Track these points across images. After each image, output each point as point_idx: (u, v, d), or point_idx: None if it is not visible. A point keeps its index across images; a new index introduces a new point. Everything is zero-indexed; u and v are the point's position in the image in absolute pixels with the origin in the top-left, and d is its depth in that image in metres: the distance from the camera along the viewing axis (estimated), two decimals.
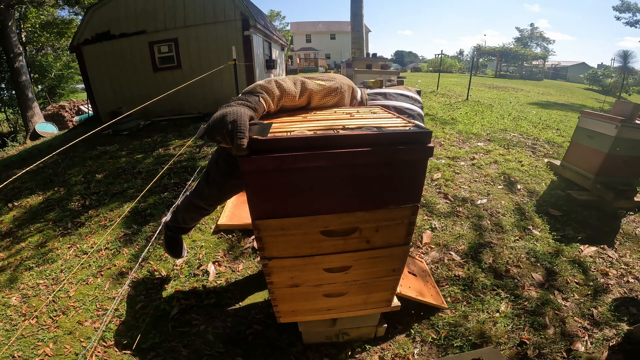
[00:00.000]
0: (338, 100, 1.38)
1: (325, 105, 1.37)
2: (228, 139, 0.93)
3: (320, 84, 1.30)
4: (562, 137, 4.89)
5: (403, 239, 1.19)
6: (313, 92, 1.28)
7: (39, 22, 12.73)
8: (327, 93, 1.33)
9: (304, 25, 36.82)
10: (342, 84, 1.37)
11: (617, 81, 18.71)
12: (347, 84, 1.40)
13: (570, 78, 29.16)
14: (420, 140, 1.01)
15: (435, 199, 2.87)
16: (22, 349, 1.67)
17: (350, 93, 1.42)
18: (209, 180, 1.57)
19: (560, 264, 2.12)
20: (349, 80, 1.44)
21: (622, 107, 2.81)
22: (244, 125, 0.92)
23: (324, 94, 1.32)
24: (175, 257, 2.00)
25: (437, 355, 1.57)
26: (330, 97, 1.34)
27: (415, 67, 32.53)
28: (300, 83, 1.25)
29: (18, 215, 3.19)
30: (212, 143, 1.36)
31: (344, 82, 1.39)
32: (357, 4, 9.26)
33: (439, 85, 10.13)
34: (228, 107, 1.00)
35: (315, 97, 1.30)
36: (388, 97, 1.48)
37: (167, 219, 1.92)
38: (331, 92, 1.33)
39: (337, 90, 1.35)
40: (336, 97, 1.36)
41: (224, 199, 1.78)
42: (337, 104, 1.40)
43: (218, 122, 0.96)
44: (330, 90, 1.33)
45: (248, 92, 1.11)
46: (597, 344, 1.59)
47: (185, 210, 1.76)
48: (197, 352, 1.62)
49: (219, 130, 0.95)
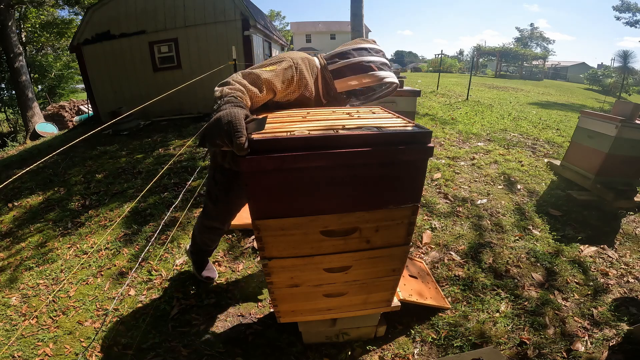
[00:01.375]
0: (299, 77, 1.30)
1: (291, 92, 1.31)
2: (227, 141, 0.93)
3: (272, 69, 1.22)
4: (562, 137, 4.89)
5: (403, 239, 1.19)
6: (271, 82, 1.21)
7: (39, 22, 12.73)
8: (283, 75, 1.24)
9: (304, 25, 36.83)
10: (294, 59, 1.29)
11: (617, 81, 18.71)
12: (300, 57, 1.33)
13: (570, 78, 29.17)
14: (420, 140, 1.01)
15: (435, 199, 2.87)
16: (22, 349, 1.67)
17: (308, 65, 1.35)
18: (212, 198, 1.57)
19: (560, 264, 2.12)
20: (301, 53, 1.37)
21: (622, 107, 2.81)
22: (240, 125, 0.92)
23: (281, 78, 1.24)
24: (207, 280, 1.96)
25: (437, 355, 1.57)
26: (290, 80, 1.27)
27: (415, 67, 32.54)
28: (254, 76, 1.18)
29: (18, 215, 3.19)
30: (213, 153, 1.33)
31: (294, 56, 1.31)
32: (357, 4, 9.24)
33: (439, 85, 10.12)
34: (221, 111, 0.98)
35: (276, 85, 1.22)
36: (347, 56, 1.37)
37: (188, 246, 1.94)
38: (287, 72, 1.26)
39: (292, 68, 1.27)
40: (295, 74, 1.28)
41: (233, 213, 1.67)
42: (301, 82, 1.32)
43: (214, 126, 0.95)
44: (285, 71, 1.25)
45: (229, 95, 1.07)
46: (597, 344, 1.59)
47: (200, 233, 1.76)
48: (197, 352, 1.62)
49: (216, 134, 0.94)
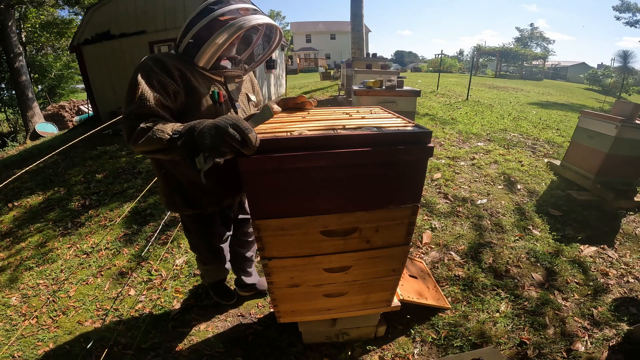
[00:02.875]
0: (159, 81, 1.08)
1: (172, 99, 1.12)
2: (237, 143, 0.89)
3: (138, 94, 1.04)
4: (562, 137, 4.89)
5: (403, 239, 1.19)
6: (159, 100, 1.07)
7: (39, 22, 12.73)
8: (152, 91, 1.06)
9: (304, 25, 36.83)
10: (140, 70, 1.09)
11: (617, 81, 18.70)
12: (147, 63, 1.10)
13: (570, 78, 29.16)
14: (420, 140, 1.01)
15: (435, 199, 2.87)
16: (22, 349, 1.67)
17: (160, 65, 1.10)
18: (196, 249, 1.58)
19: (560, 264, 2.12)
20: (148, 58, 1.13)
21: (622, 107, 2.81)
22: (244, 122, 0.91)
23: (154, 93, 1.06)
24: (228, 301, 1.89)
25: (437, 355, 1.57)
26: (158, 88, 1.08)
27: (415, 67, 32.52)
28: (144, 110, 1.03)
29: (18, 215, 3.19)
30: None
31: (140, 67, 1.10)
32: (357, 4, 9.26)
33: (439, 85, 10.12)
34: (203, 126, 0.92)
35: (161, 101, 1.07)
36: (192, 25, 1.14)
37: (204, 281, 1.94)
38: (150, 85, 1.06)
39: (145, 78, 1.07)
40: (154, 82, 1.07)
41: (223, 255, 1.56)
42: (165, 83, 1.09)
43: (215, 135, 0.90)
44: (149, 86, 1.06)
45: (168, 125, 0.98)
46: (597, 344, 1.59)
47: (204, 269, 1.73)
48: (197, 352, 1.62)
49: (221, 140, 0.89)
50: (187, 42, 1.15)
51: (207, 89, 1.20)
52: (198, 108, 1.18)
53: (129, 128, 1.02)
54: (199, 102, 1.17)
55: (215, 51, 1.13)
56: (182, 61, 1.16)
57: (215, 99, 1.20)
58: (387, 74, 4.74)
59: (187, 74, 1.15)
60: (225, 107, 1.26)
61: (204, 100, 1.18)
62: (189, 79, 1.15)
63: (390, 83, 3.15)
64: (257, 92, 1.53)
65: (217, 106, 1.22)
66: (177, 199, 1.35)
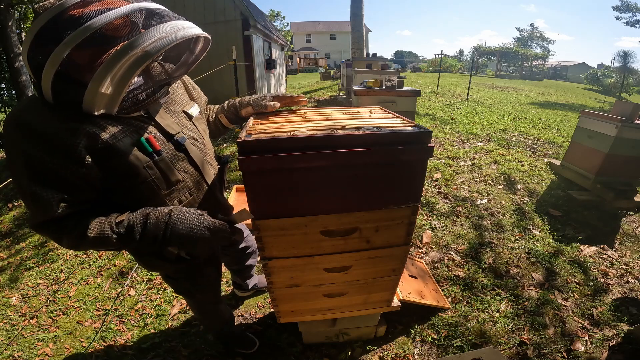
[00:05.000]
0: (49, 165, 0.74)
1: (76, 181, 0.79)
2: (221, 245, 0.82)
3: (35, 182, 0.74)
4: (562, 137, 4.89)
5: (403, 239, 1.19)
6: (74, 185, 0.77)
7: None
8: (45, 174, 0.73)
9: (304, 25, 36.86)
10: (17, 146, 0.74)
11: (617, 81, 18.70)
12: (21, 138, 0.73)
13: (570, 78, 29.18)
14: (420, 140, 1.01)
15: (435, 199, 2.87)
16: (22, 349, 1.68)
17: (42, 142, 0.72)
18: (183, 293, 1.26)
19: (560, 264, 2.12)
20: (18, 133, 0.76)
21: (622, 107, 2.81)
22: (223, 226, 0.88)
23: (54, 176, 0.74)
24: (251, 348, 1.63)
25: (437, 355, 1.57)
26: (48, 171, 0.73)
27: (415, 67, 32.55)
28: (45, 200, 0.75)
29: (18, 215, 3.19)
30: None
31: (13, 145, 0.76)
32: (357, 4, 9.27)
33: (439, 85, 10.13)
34: (175, 228, 0.81)
35: (70, 190, 0.76)
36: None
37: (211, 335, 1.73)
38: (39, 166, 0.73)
39: (26, 157, 0.72)
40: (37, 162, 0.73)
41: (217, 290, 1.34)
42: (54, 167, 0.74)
43: (200, 245, 0.84)
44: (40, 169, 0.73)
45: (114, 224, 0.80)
46: (597, 344, 1.59)
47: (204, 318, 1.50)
48: (197, 352, 1.62)
49: (205, 247, 0.86)
50: (50, 83, 0.68)
51: (130, 137, 0.80)
52: (128, 177, 0.81)
53: (53, 239, 0.80)
54: (127, 167, 0.80)
55: (118, 89, 0.70)
56: (64, 115, 0.72)
57: (149, 150, 0.83)
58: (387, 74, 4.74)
59: (87, 129, 0.73)
60: (168, 154, 0.88)
61: (131, 158, 0.80)
62: (93, 138, 0.74)
63: (390, 83, 3.15)
64: (198, 95, 1.13)
65: (157, 161, 0.84)
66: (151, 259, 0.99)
